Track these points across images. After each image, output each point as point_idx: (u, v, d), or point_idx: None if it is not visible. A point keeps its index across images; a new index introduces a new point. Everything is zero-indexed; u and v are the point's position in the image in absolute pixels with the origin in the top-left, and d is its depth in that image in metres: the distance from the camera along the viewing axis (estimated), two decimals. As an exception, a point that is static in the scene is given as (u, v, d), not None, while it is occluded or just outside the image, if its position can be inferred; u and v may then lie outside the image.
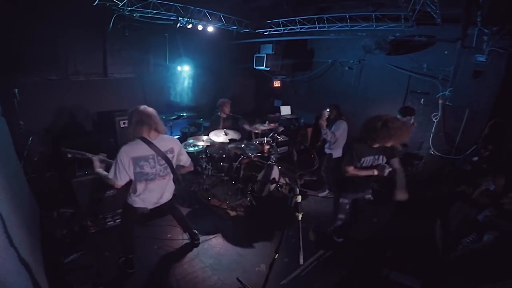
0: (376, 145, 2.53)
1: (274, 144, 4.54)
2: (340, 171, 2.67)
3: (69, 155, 2.50)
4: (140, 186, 2.32)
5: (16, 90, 3.57)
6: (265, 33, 5.84)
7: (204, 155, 4.21)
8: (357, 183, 2.72)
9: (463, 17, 3.24)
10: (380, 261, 2.89)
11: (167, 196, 2.57)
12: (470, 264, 2.36)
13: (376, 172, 2.56)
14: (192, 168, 2.64)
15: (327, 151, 4.19)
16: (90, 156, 2.40)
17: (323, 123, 3.78)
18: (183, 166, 2.58)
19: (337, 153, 4.08)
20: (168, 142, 2.38)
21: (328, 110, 3.88)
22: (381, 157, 2.63)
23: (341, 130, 3.95)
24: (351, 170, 2.57)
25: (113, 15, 4.10)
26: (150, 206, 2.48)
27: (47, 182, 3.82)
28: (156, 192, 2.43)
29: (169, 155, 2.36)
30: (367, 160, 2.60)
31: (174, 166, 2.44)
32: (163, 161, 2.33)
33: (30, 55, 3.99)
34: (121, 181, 2.21)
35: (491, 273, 2.13)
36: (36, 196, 3.31)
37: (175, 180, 2.51)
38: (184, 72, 5.81)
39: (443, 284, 2.46)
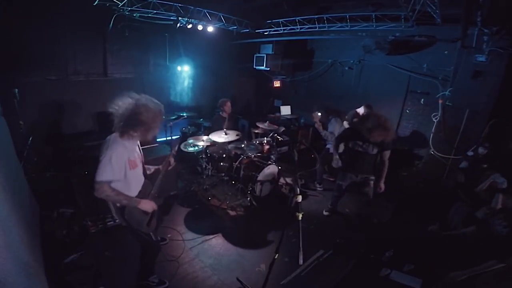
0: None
1: (274, 144, 4.55)
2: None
3: None
4: None
5: (16, 90, 3.57)
6: (265, 33, 5.84)
7: (204, 155, 4.21)
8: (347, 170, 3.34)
9: (463, 17, 3.23)
10: (380, 261, 2.89)
11: None
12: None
13: None
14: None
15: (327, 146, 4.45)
16: None
17: (319, 126, 4.18)
18: None
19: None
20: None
21: (318, 113, 4.18)
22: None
23: (337, 128, 4.20)
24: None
25: (113, 15, 4.10)
26: None
27: (47, 182, 3.82)
28: None
29: None
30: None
31: None
32: None
33: (30, 55, 3.98)
34: None
35: None
36: (36, 196, 3.30)
37: None
38: (184, 72, 5.81)
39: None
